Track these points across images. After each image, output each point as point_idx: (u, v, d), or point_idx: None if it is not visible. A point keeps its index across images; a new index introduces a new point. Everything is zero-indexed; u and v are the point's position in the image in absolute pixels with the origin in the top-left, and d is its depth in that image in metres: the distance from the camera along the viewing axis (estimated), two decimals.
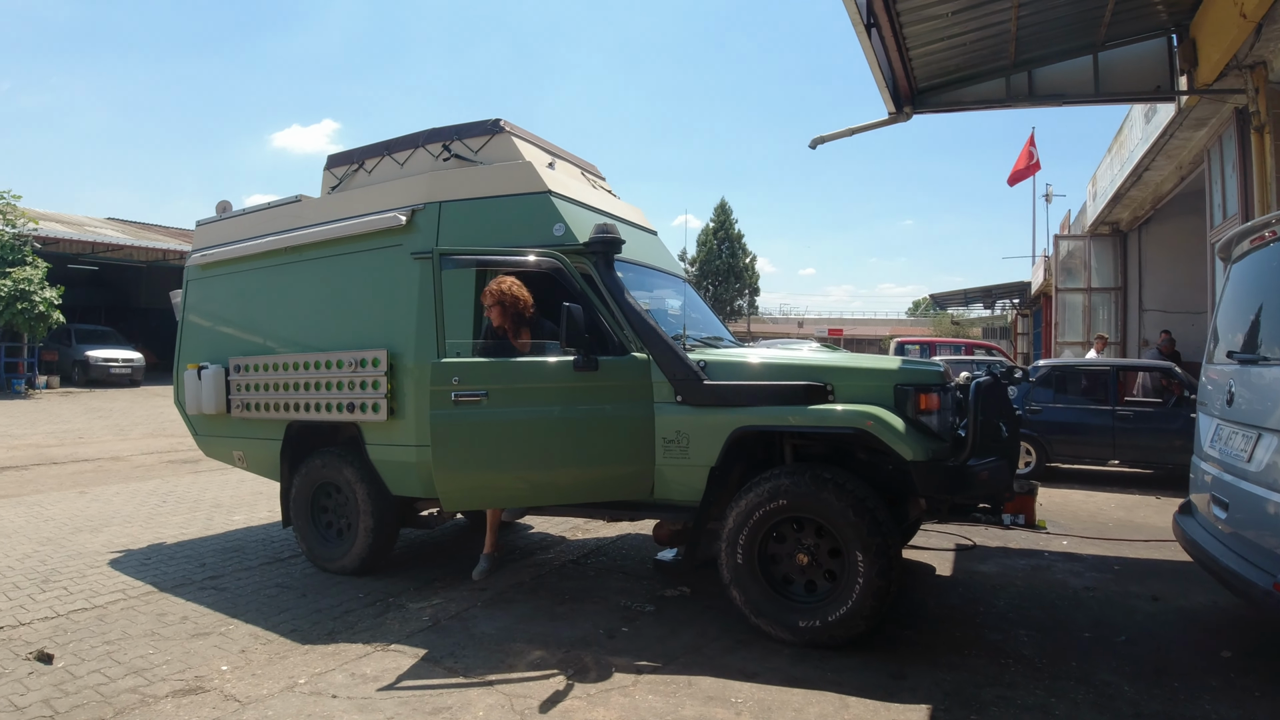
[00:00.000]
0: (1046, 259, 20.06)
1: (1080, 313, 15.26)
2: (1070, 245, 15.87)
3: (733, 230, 40.02)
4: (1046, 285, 18.79)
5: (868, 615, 4.20)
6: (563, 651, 4.38)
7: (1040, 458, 10.21)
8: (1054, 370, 10.76)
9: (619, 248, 5.02)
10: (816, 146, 7.79)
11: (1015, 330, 31.15)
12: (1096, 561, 6.31)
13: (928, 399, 4.41)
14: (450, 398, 4.79)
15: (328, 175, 6.63)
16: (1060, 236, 16.50)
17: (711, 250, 39.72)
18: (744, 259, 39.88)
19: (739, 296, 39.97)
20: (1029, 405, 10.21)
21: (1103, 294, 15.10)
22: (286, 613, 5.08)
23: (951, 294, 31.22)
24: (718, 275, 39.14)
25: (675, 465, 4.76)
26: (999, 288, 28.40)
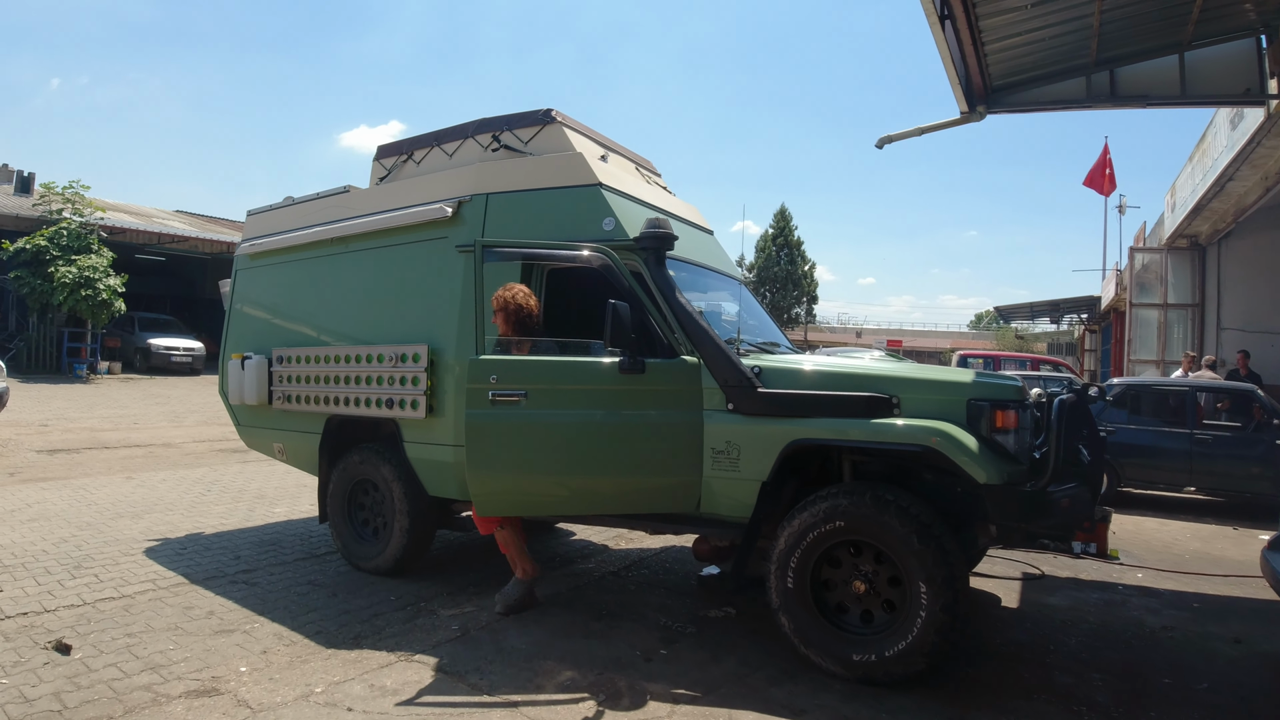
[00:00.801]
0: (1118, 273, 19.23)
1: (1155, 329, 14.50)
2: (1146, 258, 15.09)
3: (792, 237, 39.34)
4: (1118, 300, 18.00)
5: (928, 652, 3.83)
6: (595, 673, 4.09)
7: (1112, 482, 9.64)
8: (1129, 389, 10.17)
9: (671, 244, 4.72)
10: (883, 146, 7.41)
11: (1082, 346, 30.06)
12: (1174, 598, 5.83)
13: (1005, 416, 4.02)
14: (488, 397, 4.54)
15: (377, 166, 6.46)
16: (1136, 249, 15.70)
17: (770, 257, 39.09)
18: (803, 266, 39.15)
19: (797, 304, 39.27)
20: (1103, 426, 9.65)
21: (1179, 310, 14.31)
22: (315, 612, 4.92)
23: (1017, 307, 30.27)
24: (775, 282, 38.49)
25: (724, 478, 4.44)
26: (1066, 302, 27.42)
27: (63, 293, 20.00)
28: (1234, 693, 4.13)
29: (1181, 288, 14.31)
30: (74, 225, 21.35)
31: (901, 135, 7.43)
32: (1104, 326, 24.92)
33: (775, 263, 38.82)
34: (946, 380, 4.23)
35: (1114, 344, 19.90)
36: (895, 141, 7.42)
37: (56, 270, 20.11)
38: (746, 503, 4.35)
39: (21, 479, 8.76)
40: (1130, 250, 15.88)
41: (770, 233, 39.77)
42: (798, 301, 39.07)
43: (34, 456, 10.22)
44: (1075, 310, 28.56)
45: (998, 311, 31.84)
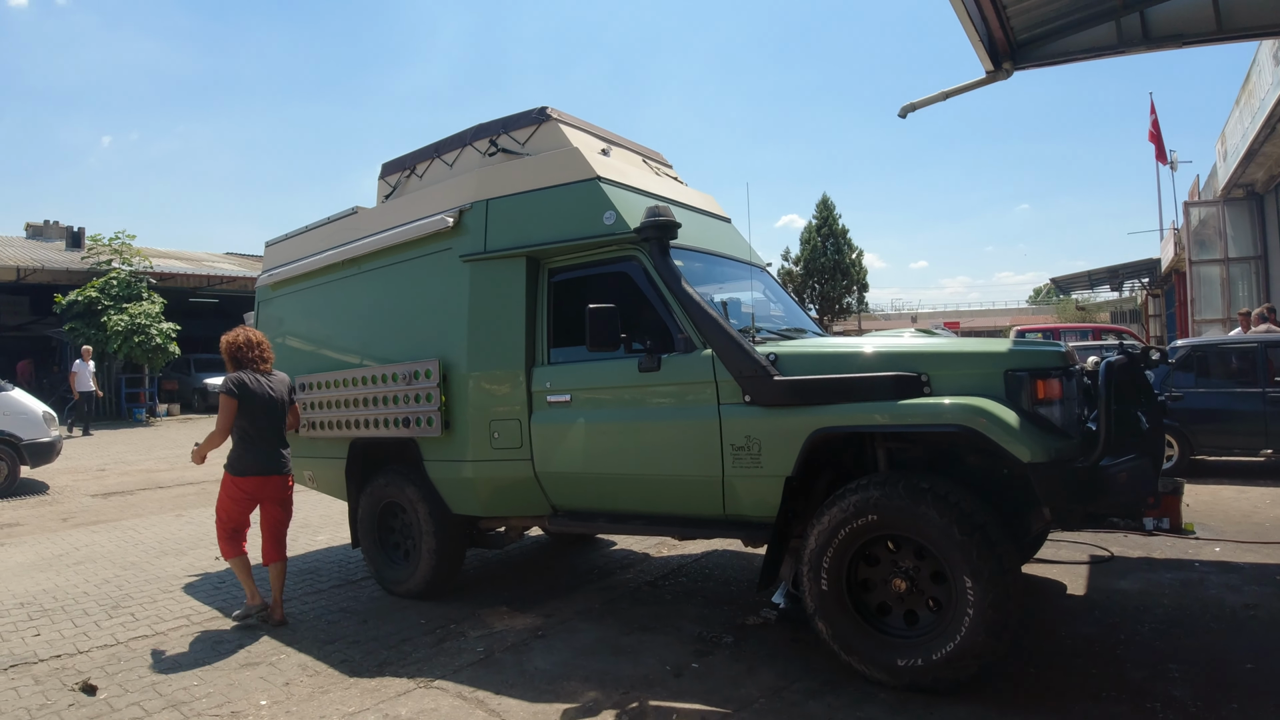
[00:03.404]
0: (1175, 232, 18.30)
1: (1218, 286, 13.63)
2: (1202, 213, 14.22)
3: (836, 226, 38.46)
4: (1178, 260, 17.10)
5: (980, 653, 3.45)
6: (620, 693, 3.81)
7: (1184, 451, 9.01)
8: (1194, 350, 9.49)
9: (673, 232, 4.43)
10: (907, 115, 6.98)
11: (1146, 312, 28.80)
12: (1256, 572, 5.31)
13: (1047, 386, 3.61)
14: (546, 401, 4.77)
15: (382, 184, 6.34)
16: (1190, 204, 14.81)
17: (816, 248, 38.27)
18: (850, 255, 38.24)
19: (847, 294, 38.39)
20: (1169, 391, 9.03)
21: (1241, 264, 13.42)
22: (341, 640, 4.78)
23: (1075, 277, 29.06)
24: (824, 273, 37.63)
25: (746, 476, 4.12)
26: (1125, 267, 26.22)
27: (116, 340, 20.41)
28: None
29: (1242, 240, 13.45)
30: (123, 274, 21.80)
31: (926, 101, 7.00)
32: (1166, 290, 23.85)
33: (821, 253, 37.99)
34: (980, 351, 3.84)
35: (1178, 307, 18.96)
36: (920, 108, 6.99)
37: (109, 319, 20.54)
38: (772, 501, 4.02)
39: (74, 524, 8.78)
40: (1185, 205, 15.01)
41: (814, 223, 38.97)
42: (848, 291, 38.17)
43: (88, 501, 10.28)
44: (1135, 275, 27.40)
45: (1054, 283, 30.69)
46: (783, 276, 38.35)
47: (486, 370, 4.99)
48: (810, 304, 37.20)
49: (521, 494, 5.00)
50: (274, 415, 5.16)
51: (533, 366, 4.89)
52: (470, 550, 6.05)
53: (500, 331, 4.96)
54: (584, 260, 4.85)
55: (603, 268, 4.77)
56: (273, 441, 5.16)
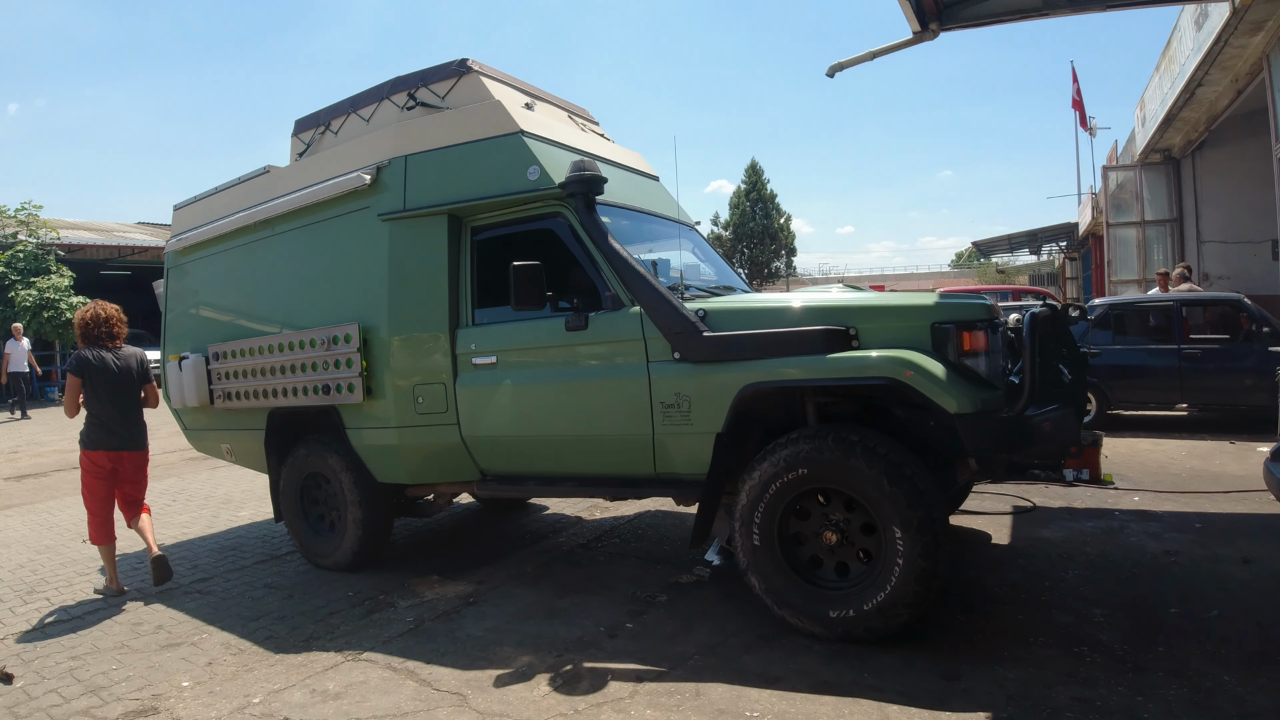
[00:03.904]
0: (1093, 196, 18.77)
1: (1134, 248, 14.01)
2: (1120, 177, 14.56)
3: (765, 191, 38.66)
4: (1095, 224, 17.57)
5: (911, 602, 3.46)
6: (554, 656, 3.74)
7: (1101, 405, 9.27)
8: (1112, 309, 9.76)
9: (599, 186, 4.31)
10: (834, 74, 6.95)
11: (1063, 274, 29.59)
12: (1175, 519, 5.48)
13: (973, 338, 3.61)
14: (471, 363, 4.63)
15: (295, 142, 6.04)
16: (1109, 168, 15.17)
17: (744, 212, 38.42)
18: (778, 219, 38.50)
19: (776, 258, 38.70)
20: (1087, 348, 9.28)
21: (1157, 227, 13.80)
22: (266, 617, 4.61)
23: (995, 240, 29.71)
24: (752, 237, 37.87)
25: (676, 433, 4.05)
26: (1044, 231, 26.87)
27: (25, 316, 19.44)
28: (1248, 618, 3.77)
29: (1158, 203, 13.83)
30: (30, 247, 20.73)
31: (853, 61, 6.98)
32: (1083, 253, 24.54)
33: (750, 218, 38.17)
34: (907, 305, 3.82)
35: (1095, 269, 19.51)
36: (847, 68, 6.97)
37: (16, 295, 19.53)
38: (703, 459, 3.96)
39: None
40: (1103, 169, 15.37)
41: (743, 188, 39.08)
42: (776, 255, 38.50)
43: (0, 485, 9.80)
44: (1054, 239, 28.11)
45: (976, 247, 31.36)
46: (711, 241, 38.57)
47: (408, 333, 4.82)
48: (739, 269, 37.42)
49: (449, 460, 4.87)
50: (120, 391, 5.19)
51: (457, 328, 4.74)
52: (399, 519, 5.94)
53: (422, 293, 4.79)
54: (508, 218, 4.70)
55: (527, 225, 4.64)
56: (122, 417, 5.19)
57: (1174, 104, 10.75)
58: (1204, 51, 8.73)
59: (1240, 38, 8.23)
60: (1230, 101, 10.37)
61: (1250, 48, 8.46)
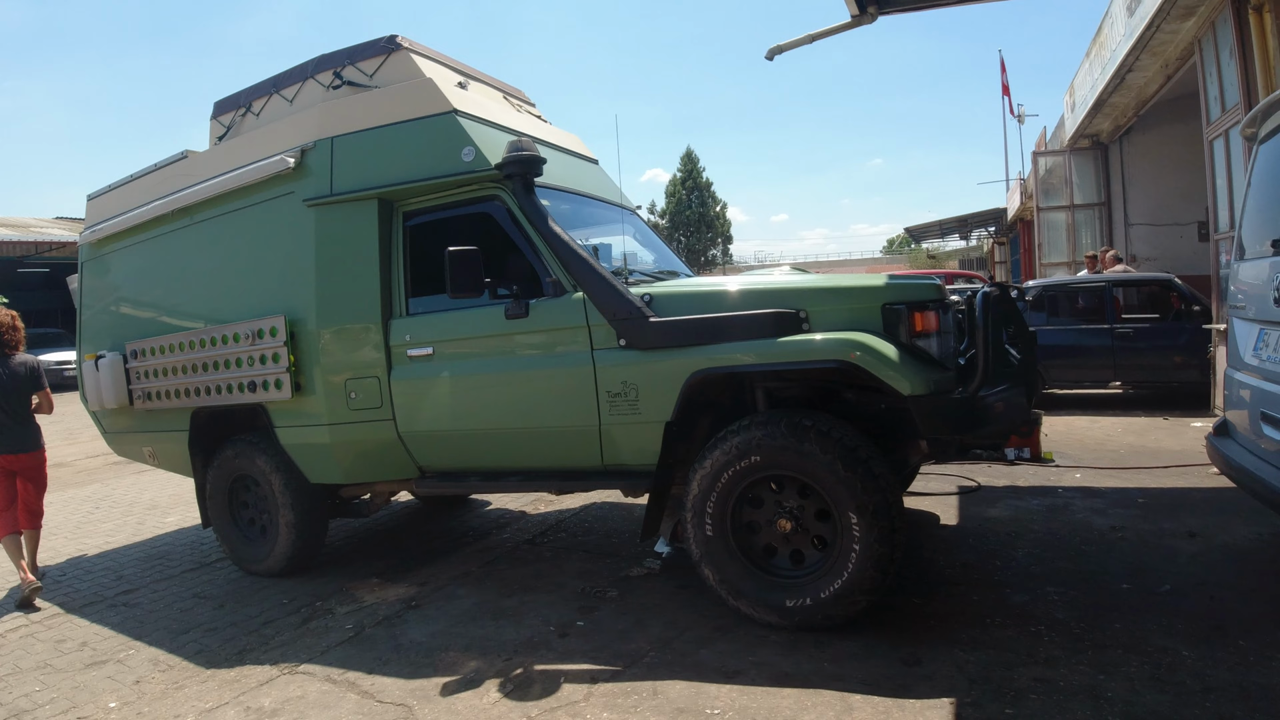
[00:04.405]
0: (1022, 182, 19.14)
1: (1064, 231, 14.31)
2: (1050, 162, 14.84)
3: (701, 179, 38.73)
4: (1023, 209, 17.93)
5: (869, 588, 3.38)
6: (503, 659, 3.57)
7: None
8: (1046, 290, 9.92)
9: (538, 168, 4.14)
10: (774, 57, 6.87)
11: (992, 259, 30.20)
12: (1117, 495, 5.52)
13: (924, 318, 3.53)
14: (406, 355, 4.41)
15: (215, 125, 5.71)
16: (1039, 153, 15.44)
17: (681, 201, 38.44)
18: (714, 207, 38.61)
19: (712, 246, 38.80)
20: None
21: (1086, 210, 14.11)
22: (196, 629, 4.35)
23: (927, 226, 30.13)
24: (689, 226, 37.94)
25: (624, 423, 3.91)
26: (974, 216, 27.35)
27: None
28: (1201, 593, 3.78)
29: (1087, 188, 14.12)
30: None
31: (792, 44, 6.90)
32: (1011, 238, 25.04)
33: (686, 206, 38.21)
34: (857, 286, 3.72)
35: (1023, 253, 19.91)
36: (786, 50, 6.89)
37: None
38: (652, 449, 3.83)
39: None
40: (1034, 155, 15.64)
41: (679, 176, 39.09)
42: (713, 243, 38.60)
43: None
44: (983, 224, 28.62)
45: (908, 233, 31.78)
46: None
47: (338, 325, 4.58)
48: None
49: (385, 457, 4.65)
50: (10, 396, 5.14)
51: (390, 319, 4.52)
52: (335, 521, 5.71)
53: (352, 282, 4.56)
54: (442, 201, 4.49)
55: (463, 209, 4.43)
56: (13, 422, 5.16)
57: (1104, 90, 10.93)
58: (1135, 37, 8.86)
59: (1172, 23, 8.37)
60: (1159, 87, 10.58)
61: (1181, 33, 8.61)
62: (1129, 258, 12.63)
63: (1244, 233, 4.29)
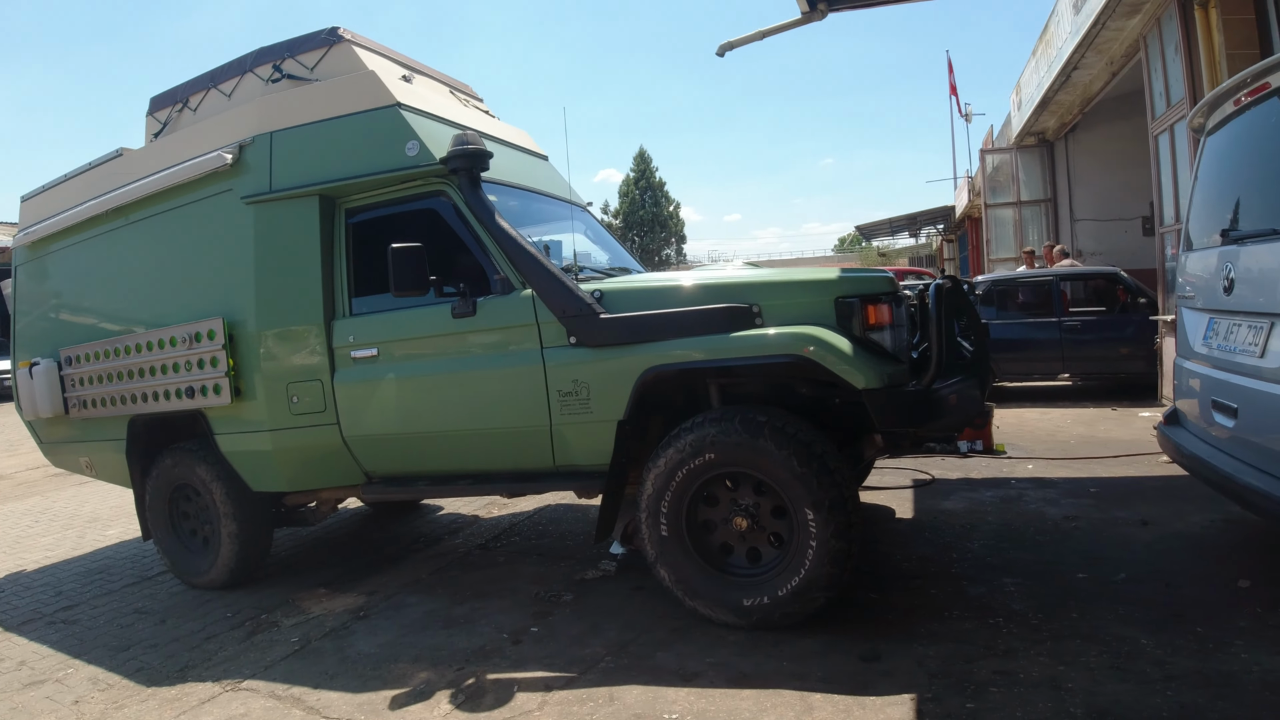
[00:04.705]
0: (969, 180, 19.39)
1: (1011, 227, 14.49)
2: (997, 159, 15.04)
3: (654, 179, 38.68)
4: (971, 207, 18.16)
5: (826, 584, 3.31)
6: (455, 669, 3.44)
7: None
8: (995, 285, 10.02)
9: (485, 162, 4.01)
10: (724, 54, 6.82)
11: (941, 256, 30.60)
12: (1070, 485, 5.54)
13: (877, 311, 3.47)
14: (350, 357, 4.23)
15: (150, 121, 5.49)
16: (986, 150, 15.65)
17: (634, 201, 38.34)
18: (667, 207, 38.57)
19: (666, 245, 38.75)
20: None
21: (1033, 207, 14.32)
22: (138, 646, 4.15)
23: (877, 224, 30.40)
24: (642, 225, 37.88)
25: (576, 423, 3.80)
26: (923, 214, 27.66)
27: None
28: (1157, 580, 3.75)
29: (1033, 184, 14.32)
30: None
31: (743, 40, 6.85)
32: (960, 235, 25.35)
33: (640, 206, 38.12)
34: (810, 279, 3.65)
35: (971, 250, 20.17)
36: (737, 47, 6.83)
37: None
38: (604, 449, 3.72)
39: None
40: (981, 152, 15.83)
41: (632, 176, 38.98)
42: (666, 242, 38.56)
43: None
44: (932, 222, 28.95)
45: (859, 231, 32.04)
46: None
47: (279, 326, 4.41)
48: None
49: (329, 463, 4.49)
50: None
51: (332, 319, 4.36)
52: (281, 530, 5.53)
53: (292, 282, 4.39)
54: (386, 198, 4.34)
55: (408, 205, 4.29)
56: None
57: (1050, 88, 11.06)
58: (1081, 34, 8.96)
59: (1118, 20, 8.47)
60: (1104, 84, 10.73)
61: (1127, 30, 8.72)
62: (1075, 252, 12.82)
63: (1191, 225, 4.31)
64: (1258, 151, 3.69)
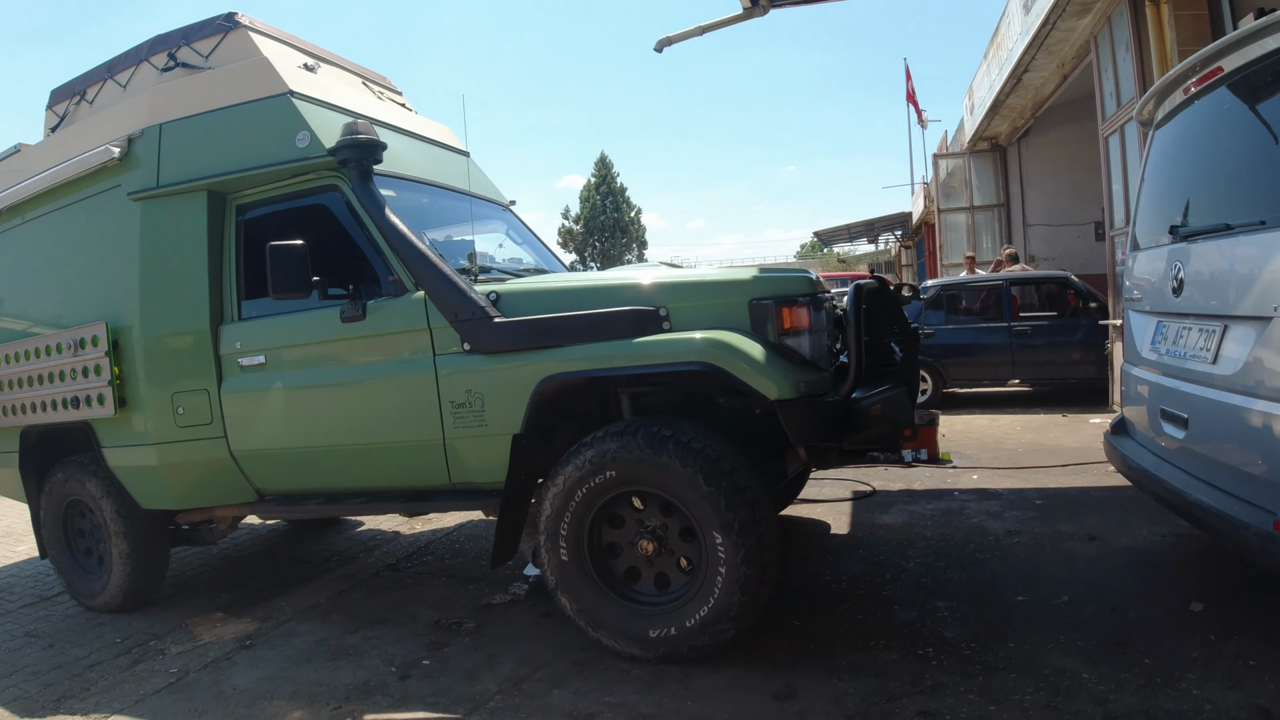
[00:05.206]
0: (925, 186, 19.21)
1: (964, 233, 14.25)
2: (950, 164, 14.80)
3: (615, 184, 38.21)
4: (927, 214, 17.94)
5: (736, 615, 2.96)
6: (332, 708, 3.07)
7: (937, 384, 9.20)
8: (944, 290, 9.74)
9: (376, 153, 3.64)
10: (663, 49, 6.51)
11: (899, 262, 30.43)
12: (1014, 497, 5.23)
13: (793, 314, 3.12)
14: (237, 364, 3.91)
15: (49, 115, 5.07)
16: (939, 155, 15.42)
17: (595, 206, 37.84)
18: (629, 213, 38.12)
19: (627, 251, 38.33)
20: (921, 329, 9.17)
21: (985, 212, 14.08)
22: (21, 672, 3.81)
23: (835, 230, 30.15)
24: (604, 231, 37.36)
25: (469, 437, 3.43)
26: (881, 220, 27.47)
27: None
28: (1099, 601, 3.44)
29: (986, 189, 14.10)
30: None
31: (681, 35, 6.53)
32: (917, 241, 25.19)
33: (601, 211, 37.63)
34: (721, 280, 3.30)
35: (928, 256, 19.97)
36: (675, 43, 6.51)
37: None
38: (501, 465, 3.34)
39: None
40: (934, 157, 15.60)
41: (593, 181, 38.48)
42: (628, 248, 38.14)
43: None
44: (890, 228, 28.77)
45: (818, 237, 31.77)
46: (564, 235, 37.83)
47: (163, 332, 4.02)
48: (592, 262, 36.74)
49: (218, 479, 4.09)
50: None
51: (220, 324, 3.97)
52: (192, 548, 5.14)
53: (178, 284, 4.01)
54: (278, 193, 3.96)
55: (299, 200, 3.91)
56: None
57: (1001, 90, 10.83)
58: (1032, 34, 8.71)
59: (1068, 20, 8.23)
60: (1055, 87, 10.52)
61: (1077, 31, 8.49)
62: (1027, 258, 12.63)
63: (1138, 224, 4.02)
64: (1209, 143, 3.40)
